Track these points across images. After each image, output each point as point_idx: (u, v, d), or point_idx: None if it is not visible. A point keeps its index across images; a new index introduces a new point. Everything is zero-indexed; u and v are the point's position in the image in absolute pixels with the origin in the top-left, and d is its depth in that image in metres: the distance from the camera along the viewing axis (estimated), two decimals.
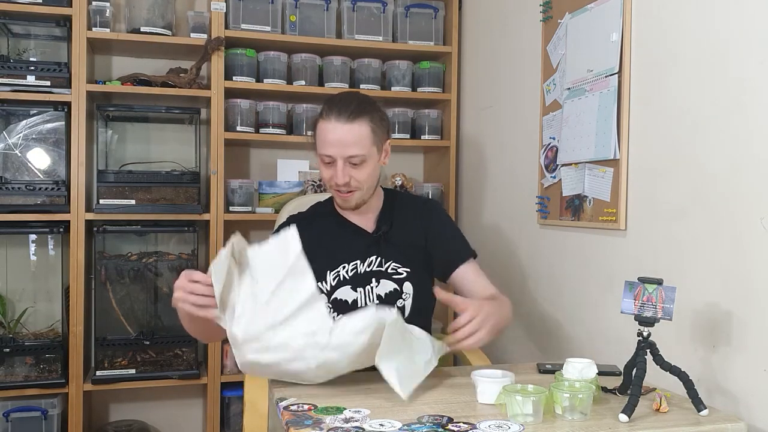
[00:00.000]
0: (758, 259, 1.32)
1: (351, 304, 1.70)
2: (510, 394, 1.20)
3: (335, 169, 1.64)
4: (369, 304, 1.70)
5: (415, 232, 1.78)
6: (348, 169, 1.64)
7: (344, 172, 1.63)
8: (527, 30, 2.22)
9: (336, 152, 1.62)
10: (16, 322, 2.51)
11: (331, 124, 1.62)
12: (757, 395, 1.32)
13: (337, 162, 1.63)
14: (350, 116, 1.62)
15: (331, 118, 1.62)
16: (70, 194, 2.43)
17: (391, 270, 1.73)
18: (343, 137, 1.62)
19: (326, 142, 1.63)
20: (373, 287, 1.72)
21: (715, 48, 1.45)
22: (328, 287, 1.71)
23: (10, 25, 2.49)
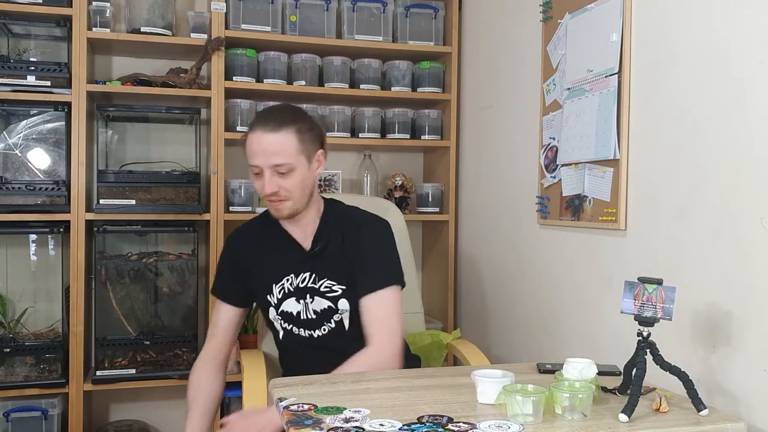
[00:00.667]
0: (758, 259, 1.32)
1: (296, 316, 1.75)
2: (510, 394, 1.20)
3: (263, 180, 1.64)
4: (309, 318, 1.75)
5: (346, 250, 1.74)
6: (276, 178, 1.64)
7: (271, 181, 1.63)
8: (527, 30, 2.22)
9: (261, 162, 1.63)
10: (17, 322, 2.51)
11: (256, 135, 1.63)
12: (757, 395, 1.32)
13: (265, 171, 1.63)
14: (274, 126, 1.63)
15: (257, 129, 1.64)
16: (70, 194, 2.43)
17: (325, 288, 1.73)
18: (267, 147, 1.62)
19: (252, 152, 1.64)
20: (309, 302, 1.74)
21: (715, 48, 1.45)
22: (275, 300, 1.76)
23: (10, 25, 2.49)
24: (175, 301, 2.59)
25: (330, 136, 2.76)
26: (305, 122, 1.69)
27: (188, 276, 2.58)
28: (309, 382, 1.43)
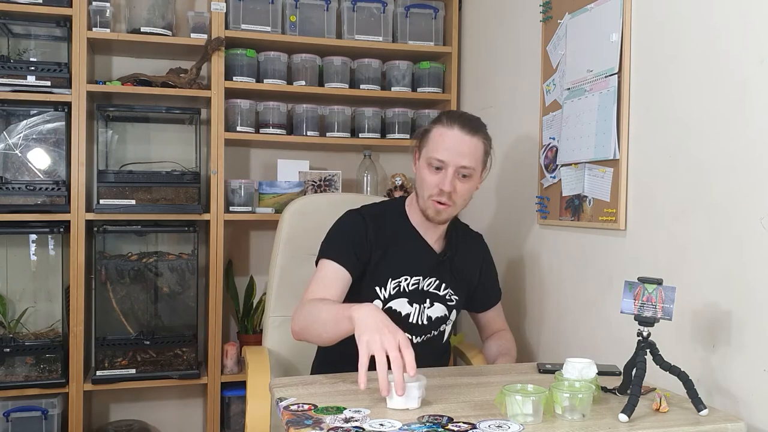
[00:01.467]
0: (758, 259, 1.32)
1: (404, 318, 1.73)
2: (510, 394, 1.19)
3: (444, 175, 1.63)
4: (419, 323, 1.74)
5: (471, 265, 1.83)
6: (455, 180, 1.64)
7: (453, 181, 1.63)
8: (527, 30, 2.22)
9: (450, 158, 1.62)
10: (17, 322, 2.51)
11: (453, 131, 1.63)
12: (757, 395, 1.32)
13: (448, 169, 1.63)
14: (472, 129, 1.65)
15: (454, 126, 1.64)
16: (70, 194, 2.43)
17: (448, 297, 1.77)
18: (461, 146, 1.63)
19: (442, 146, 1.63)
20: (425, 307, 1.74)
21: (715, 48, 1.45)
22: (386, 294, 1.72)
23: (10, 25, 2.49)
24: (175, 301, 2.59)
25: (330, 136, 2.76)
26: (489, 138, 1.71)
27: (188, 276, 2.58)
28: (309, 382, 1.43)
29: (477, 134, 1.66)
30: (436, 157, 1.63)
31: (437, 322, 1.77)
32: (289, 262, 2.01)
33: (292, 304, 2.01)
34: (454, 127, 1.64)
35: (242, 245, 2.88)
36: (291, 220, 2.02)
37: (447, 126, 1.64)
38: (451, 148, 1.62)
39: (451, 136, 1.63)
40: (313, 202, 2.10)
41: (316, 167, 2.84)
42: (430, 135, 1.67)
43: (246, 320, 2.75)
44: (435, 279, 1.75)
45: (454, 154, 1.62)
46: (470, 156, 1.64)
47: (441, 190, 1.64)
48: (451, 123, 1.64)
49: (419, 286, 1.73)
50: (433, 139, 1.65)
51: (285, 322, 2.02)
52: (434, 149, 1.64)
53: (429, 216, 1.70)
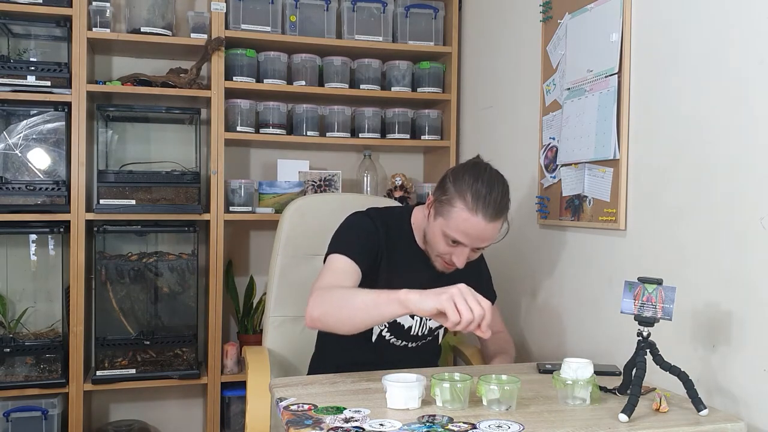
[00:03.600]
0: (758, 259, 1.32)
1: (406, 330, 1.74)
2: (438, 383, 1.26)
3: (460, 252, 1.61)
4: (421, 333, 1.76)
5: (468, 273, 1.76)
6: (471, 254, 1.63)
7: (464, 257, 1.62)
8: (527, 30, 2.22)
9: (470, 243, 1.59)
10: (17, 322, 2.51)
11: (476, 220, 1.55)
12: (757, 395, 1.32)
13: (466, 249, 1.61)
14: (494, 215, 1.57)
15: (478, 213, 1.55)
16: (70, 194, 2.43)
17: None
18: (483, 234, 1.58)
19: (463, 232, 1.58)
20: (427, 319, 1.74)
21: (715, 47, 1.45)
22: None
23: (10, 25, 2.49)
24: (175, 301, 2.59)
25: (330, 136, 2.76)
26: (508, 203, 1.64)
27: (188, 276, 2.58)
28: (309, 382, 1.43)
29: (498, 219, 1.59)
30: (453, 237, 1.59)
31: (435, 329, 1.81)
32: (289, 262, 2.01)
33: (292, 304, 2.02)
34: (478, 214, 1.55)
35: (242, 245, 2.88)
36: (291, 220, 2.02)
37: (471, 212, 1.55)
38: (471, 235, 1.58)
39: (474, 225, 1.56)
40: (314, 202, 2.10)
41: (316, 167, 2.84)
42: (452, 211, 1.58)
43: (246, 320, 2.75)
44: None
45: (473, 240, 1.59)
46: (490, 239, 1.61)
47: (452, 261, 1.63)
48: (476, 208, 1.55)
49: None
50: (454, 218, 1.57)
51: (285, 322, 2.02)
52: (454, 230, 1.58)
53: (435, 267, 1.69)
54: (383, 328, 1.74)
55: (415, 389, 1.25)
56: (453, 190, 1.59)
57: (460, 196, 1.57)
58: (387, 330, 1.74)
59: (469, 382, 1.27)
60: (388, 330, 1.74)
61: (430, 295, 1.31)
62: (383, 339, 1.75)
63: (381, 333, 1.75)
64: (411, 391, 1.24)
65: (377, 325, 1.72)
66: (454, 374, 1.30)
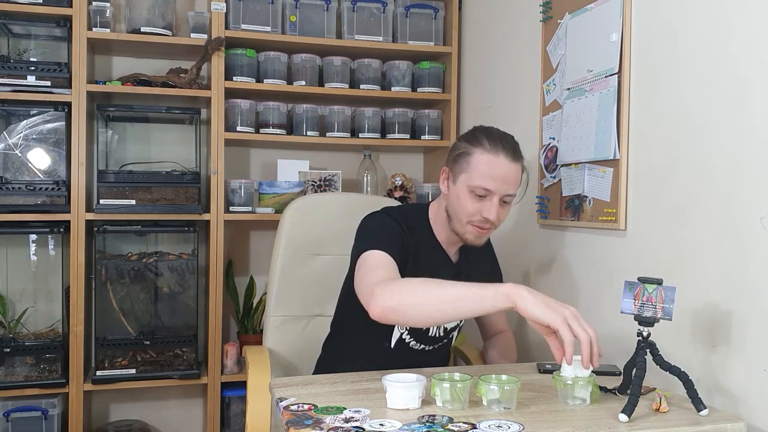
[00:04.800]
0: (758, 259, 1.32)
1: (425, 331, 1.72)
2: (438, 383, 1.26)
3: (489, 205, 1.56)
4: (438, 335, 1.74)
5: (483, 269, 1.80)
6: (499, 206, 1.58)
7: (498, 209, 1.58)
8: (527, 30, 2.22)
9: (498, 188, 1.55)
10: (17, 322, 2.51)
11: (499, 159, 1.55)
12: (757, 395, 1.32)
13: (494, 198, 1.56)
14: (515, 156, 1.57)
15: (500, 153, 1.55)
16: (70, 194, 2.43)
17: None
18: (509, 175, 1.56)
19: (489, 175, 1.55)
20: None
21: (715, 47, 1.45)
22: None
23: (10, 25, 2.49)
24: (175, 301, 2.59)
25: (330, 136, 2.76)
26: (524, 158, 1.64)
27: (188, 276, 2.58)
28: (309, 382, 1.43)
29: (520, 160, 1.59)
30: (482, 186, 1.55)
31: (450, 331, 1.79)
32: (289, 262, 2.01)
33: (292, 304, 2.02)
34: (499, 154, 1.55)
35: (242, 245, 2.88)
36: (291, 220, 2.02)
37: (492, 153, 1.55)
38: (498, 177, 1.55)
39: (498, 165, 1.54)
40: (314, 201, 2.10)
41: (316, 167, 2.84)
42: (471, 160, 1.57)
43: (246, 320, 2.75)
44: None
45: (501, 183, 1.55)
46: (515, 183, 1.59)
47: (485, 218, 1.57)
48: (496, 149, 1.55)
49: None
50: (477, 166, 1.56)
51: (285, 322, 2.02)
52: (479, 177, 1.55)
53: (468, 240, 1.64)
54: (404, 331, 1.70)
55: (415, 389, 1.25)
56: (468, 144, 1.60)
57: (478, 144, 1.57)
58: (407, 333, 1.71)
59: (469, 382, 1.27)
60: (408, 333, 1.71)
61: (541, 305, 1.25)
62: (403, 343, 1.71)
63: (401, 336, 1.71)
64: (411, 391, 1.24)
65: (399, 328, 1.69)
66: (454, 374, 1.30)
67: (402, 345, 1.72)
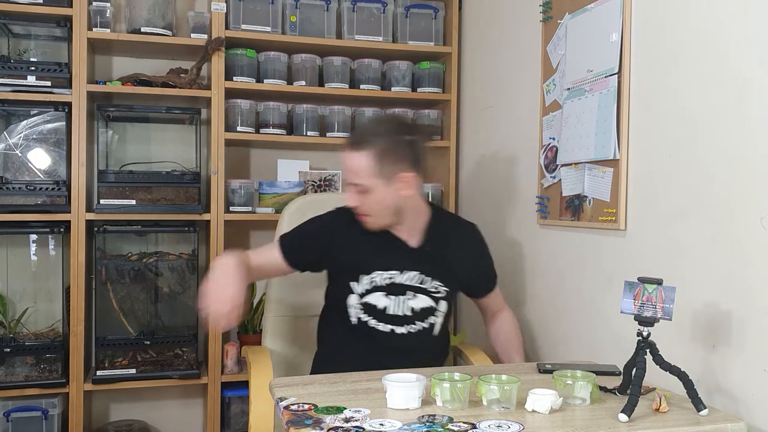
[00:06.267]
0: (758, 259, 1.32)
1: (381, 310, 1.75)
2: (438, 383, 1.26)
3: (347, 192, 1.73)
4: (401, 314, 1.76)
5: (463, 256, 1.84)
6: (355, 195, 1.69)
7: (351, 196, 1.70)
8: (527, 30, 2.22)
9: (345, 177, 1.71)
10: (17, 322, 2.51)
11: (345, 152, 1.70)
12: (757, 395, 1.32)
13: (349, 187, 1.70)
14: (353, 145, 1.68)
15: (345, 143, 1.72)
16: (70, 194, 2.43)
17: (432, 288, 1.78)
18: (349, 164, 1.69)
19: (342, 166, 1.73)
20: (407, 299, 1.76)
21: (715, 47, 1.45)
22: (361, 289, 1.75)
23: (10, 25, 2.49)
24: (175, 301, 2.59)
25: (330, 136, 2.76)
26: (389, 143, 1.67)
27: (188, 276, 2.58)
28: (309, 382, 1.43)
29: (360, 149, 1.67)
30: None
31: (423, 313, 1.78)
32: None
33: (292, 304, 2.03)
34: (346, 146, 1.70)
35: (242, 245, 2.88)
36: (290, 220, 2.02)
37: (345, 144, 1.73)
38: (344, 167, 1.72)
39: (344, 157, 1.70)
40: (313, 201, 2.10)
41: (316, 167, 2.84)
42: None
43: (246, 320, 2.75)
44: (416, 273, 1.77)
45: (346, 173, 1.71)
46: (359, 173, 1.67)
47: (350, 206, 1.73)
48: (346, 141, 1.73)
49: (395, 280, 1.75)
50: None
51: (285, 322, 2.02)
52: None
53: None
54: (359, 308, 1.76)
55: (415, 389, 1.25)
56: None
57: None
58: (363, 312, 1.76)
59: (469, 382, 1.27)
60: (364, 312, 1.76)
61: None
62: (361, 322, 1.76)
63: (358, 316, 1.76)
64: (411, 391, 1.24)
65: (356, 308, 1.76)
66: (454, 374, 1.30)
67: (363, 325, 1.76)
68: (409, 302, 1.76)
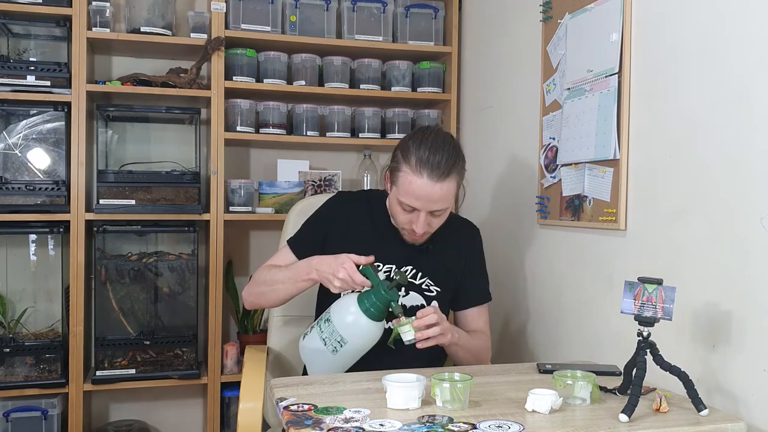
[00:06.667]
0: (758, 259, 1.32)
1: None
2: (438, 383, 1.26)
3: (417, 218, 1.62)
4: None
5: (456, 255, 1.79)
6: (429, 218, 1.62)
7: (425, 222, 1.62)
8: (527, 30, 2.22)
9: (422, 206, 1.59)
10: (16, 322, 2.51)
11: (421, 182, 1.57)
12: (757, 395, 1.32)
13: (420, 213, 1.61)
14: (442, 175, 1.57)
15: (424, 175, 1.56)
16: (70, 194, 2.43)
17: (425, 286, 1.74)
18: (432, 195, 1.58)
19: (412, 195, 1.59)
20: (400, 295, 1.71)
21: (715, 47, 1.45)
22: None
23: (10, 25, 2.49)
24: (175, 301, 2.59)
25: (330, 136, 2.76)
26: (462, 160, 1.64)
27: (188, 276, 2.58)
28: (309, 382, 1.43)
29: (447, 179, 1.58)
30: (406, 202, 1.60)
31: (414, 311, 1.69)
32: None
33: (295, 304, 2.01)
34: (423, 175, 1.56)
35: (242, 245, 2.88)
36: (296, 221, 2.00)
37: (416, 173, 1.57)
38: (421, 197, 1.58)
39: (420, 187, 1.57)
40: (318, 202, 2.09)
41: (316, 167, 2.84)
42: (399, 176, 1.61)
43: (246, 320, 2.75)
44: (411, 268, 1.74)
45: (425, 202, 1.59)
46: (441, 201, 1.61)
47: (413, 230, 1.64)
48: (420, 169, 1.56)
49: (391, 275, 1.70)
50: (404, 185, 1.60)
51: (288, 323, 2.02)
52: (404, 195, 1.60)
53: (405, 239, 1.72)
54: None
55: (415, 389, 1.25)
56: (400, 157, 1.63)
57: (406, 161, 1.60)
58: None
59: (469, 382, 1.27)
60: None
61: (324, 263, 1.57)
62: None
63: None
64: (411, 391, 1.24)
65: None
66: (454, 374, 1.30)
67: None
68: (401, 299, 1.72)
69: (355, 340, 1.51)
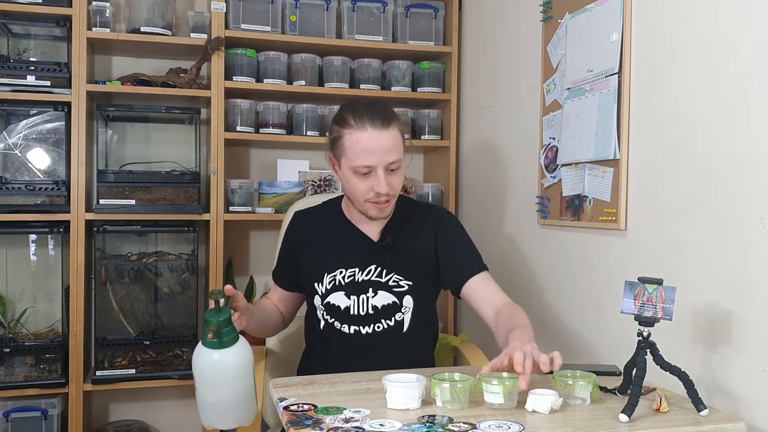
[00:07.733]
0: (758, 259, 1.32)
1: (344, 311, 1.68)
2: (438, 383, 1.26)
3: (376, 179, 1.57)
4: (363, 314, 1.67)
5: (424, 243, 1.72)
6: (388, 177, 1.58)
7: (386, 180, 1.57)
8: (527, 30, 2.22)
9: (376, 161, 1.55)
10: (16, 322, 2.51)
11: (368, 133, 1.54)
12: (757, 395, 1.32)
13: (378, 171, 1.56)
14: (384, 122, 1.56)
15: (366, 126, 1.55)
16: (70, 194, 2.43)
17: (392, 283, 1.68)
18: (382, 143, 1.55)
19: (364, 151, 1.55)
20: (369, 296, 1.67)
21: (715, 48, 1.45)
22: (323, 290, 1.70)
23: (10, 25, 2.49)
24: (175, 301, 2.59)
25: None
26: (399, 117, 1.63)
27: (188, 276, 2.58)
28: (309, 382, 1.43)
29: (391, 125, 1.56)
30: (362, 164, 1.56)
31: (386, 311, 1.67)
32: None
33: None
34: (366, 127, 1.54)
35: (242, 245, 2.88)
36: None
37: (360, 129, 1.55)
38: (374, 151, 1.54)
39: (369, 139, 1.54)
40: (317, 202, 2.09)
41: (316, 167, 2.84)
42: (344, 142, 1.57)
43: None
44: (375, 266, 1.68)
45: (379, 155, 1.55)
46: (393, 150, 1.57)
47: (378, 192, 1.58)
48: (362, 123, 1.55)
49: (355, 278, 1.67)
50: (351, 147, 1.56)
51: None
52: (356, 157, 1.56)
53: (372, 216, 1.66)
54: (323, 310, 1.70)
55: (415, 389, 1.25)
56: (338, 127, 1.61)
57: (345, 124, 1.58)
58: (326, 313, 1.69)
59: (469, 382, 1.27)
60: (327, 313, 1.69)
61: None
62: (329, 324, 1.70)
63: (326, 320, 1.70)
64: (411, 391, 1.24)
65: (320, 310, 1.71)
66: (454, 374, 1.30)
67: (329, 327, 1.70)
68: (370, 300, 1.67)
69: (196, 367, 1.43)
